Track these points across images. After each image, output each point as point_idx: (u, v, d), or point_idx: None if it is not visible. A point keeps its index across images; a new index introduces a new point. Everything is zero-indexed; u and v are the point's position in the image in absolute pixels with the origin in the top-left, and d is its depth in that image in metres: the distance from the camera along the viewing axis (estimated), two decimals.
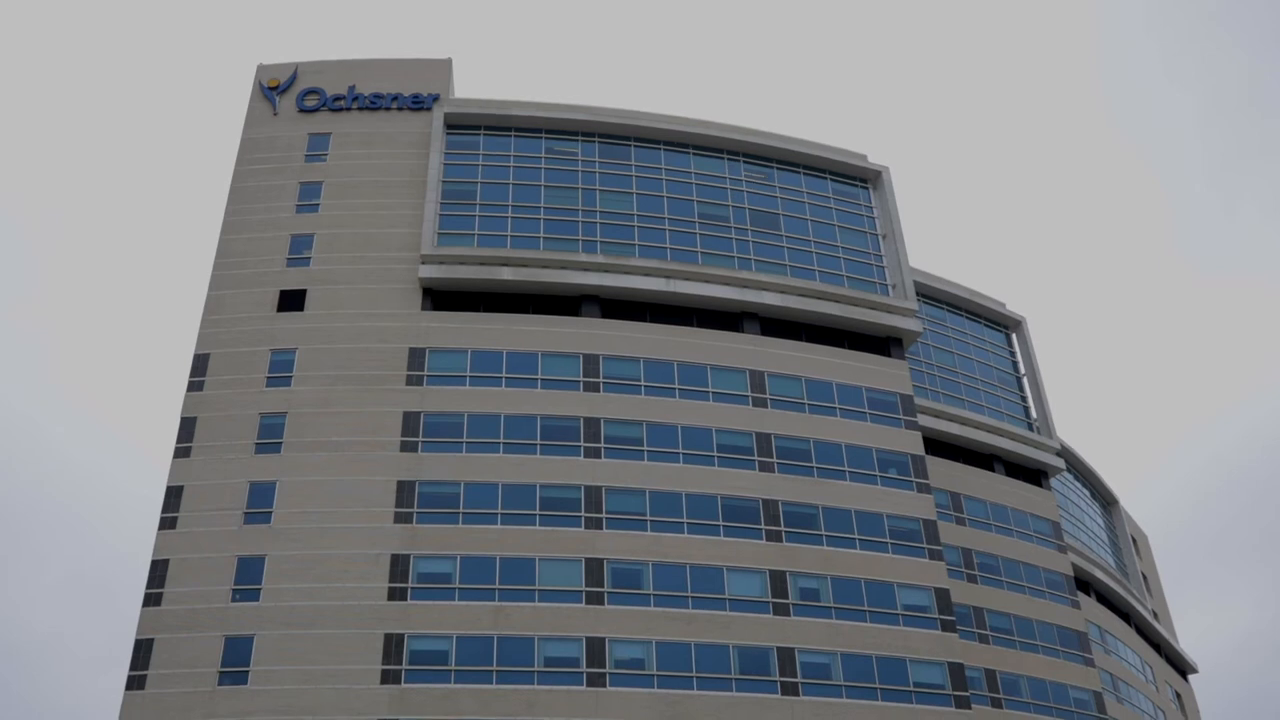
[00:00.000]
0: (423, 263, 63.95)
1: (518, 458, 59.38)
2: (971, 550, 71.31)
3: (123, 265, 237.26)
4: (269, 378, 60.93)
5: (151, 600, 54.74)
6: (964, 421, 75.04)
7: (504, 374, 61.80)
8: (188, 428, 59.45)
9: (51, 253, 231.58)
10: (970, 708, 58.30)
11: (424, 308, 63.55)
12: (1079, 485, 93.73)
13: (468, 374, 61.67)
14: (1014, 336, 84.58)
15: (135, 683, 52.76)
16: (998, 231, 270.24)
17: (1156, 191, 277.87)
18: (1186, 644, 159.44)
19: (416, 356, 61.72)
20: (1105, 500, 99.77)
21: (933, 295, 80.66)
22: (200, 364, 61.32)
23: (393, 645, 53.85)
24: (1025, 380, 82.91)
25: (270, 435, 59.21)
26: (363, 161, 68.57)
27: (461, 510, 57.74)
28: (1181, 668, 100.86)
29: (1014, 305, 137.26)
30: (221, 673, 53.06)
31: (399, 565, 55.74)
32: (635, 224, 67.90)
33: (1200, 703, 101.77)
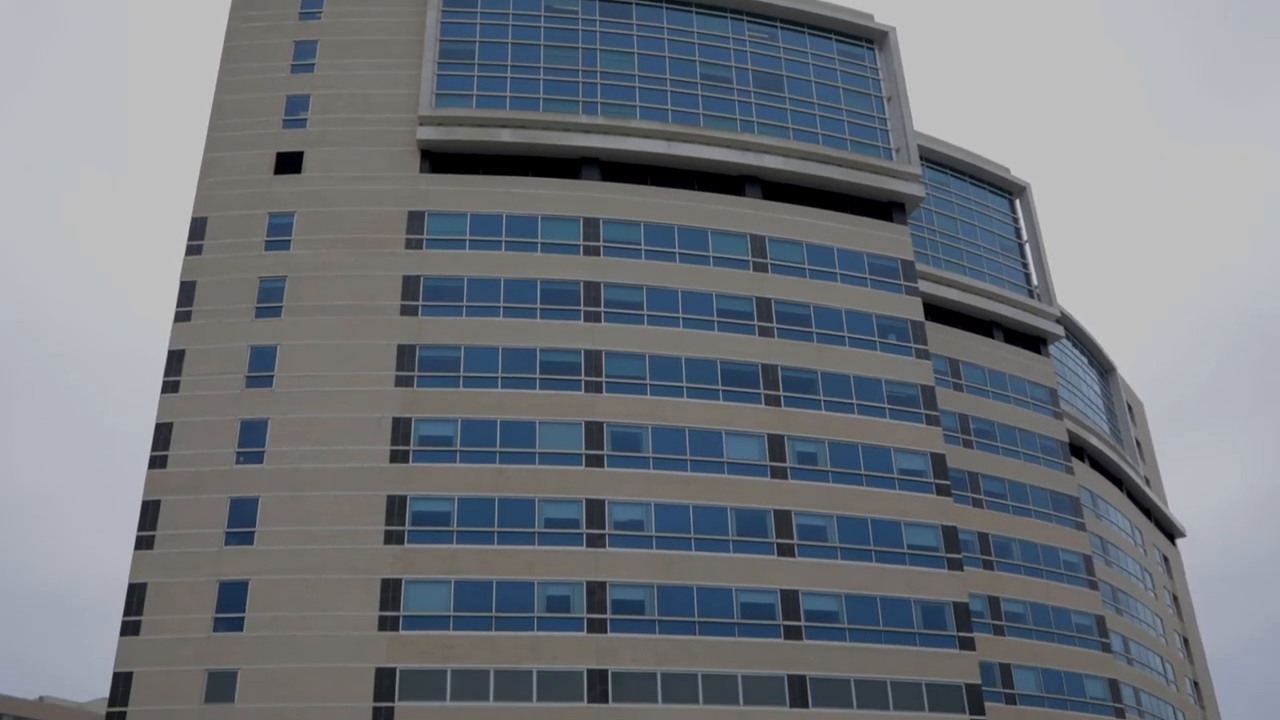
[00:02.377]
0: (420, 124, 62.95)
1: (518, 321, 59.36)
2: (968, 416, 71.92)
3: (124, 129, 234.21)
4: (267, 241, 60.53)
5: (157, 463, 55.24)
6: (964, 288, 74.92)
7: (503, 237, 61.40)
8: (187, 291, 59.28)
9: (52, 113, 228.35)
10: (962, 569, 59.44)
11: (422, 170, 62.77)
12: (1077, 353, 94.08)
13: (467, 237, 61.28)
14: (1017, 202, 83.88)
15: (144, 543, 53.60)
16: (1002, 96, 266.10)
17: (1154, 59, 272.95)
18: (1176, 509, 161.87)
19: (415, 220, 61.22)
20: (1103, 368, 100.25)
21: (936, 160, 79.76)
22: (198, 227, 60.83)
23: (395, 507, 54.59)
24: (1027, 247, 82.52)
25: (270, 299, 59.10)
26: (358, 19, 66.94)
27: (462, 374, 57.95)
28: (1170, 532, 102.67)
29: (1018, 171, 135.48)
30: (228, 533, 53.89)
31: (400, 428, 56.18)
32: (636, 85, 66.66)
33: (1186, 565, 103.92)
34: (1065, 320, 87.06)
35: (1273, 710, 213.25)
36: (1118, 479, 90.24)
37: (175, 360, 57.44)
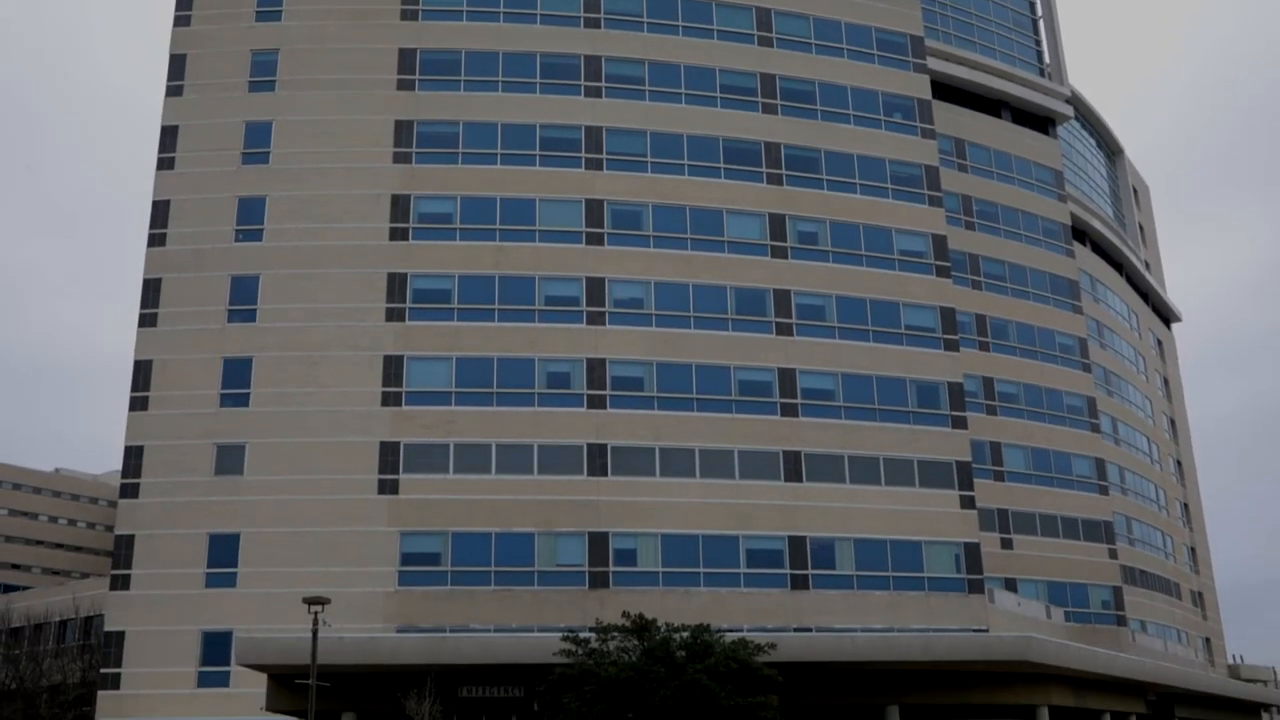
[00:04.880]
0: None
1: (517, 96, 58.13)
2: (971, 197, 71.30)
3: None
4: (258, 12, 58.70)
5: (156, 241, 55.13)
6: (974, 65, 73.10)
7: (501, 9, 59.42)
8: (178, 65, 57.89)
9: None
10: (958, 350, 60.06)
11: None
12: (1085, 135, 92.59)
13: (464, 8, 59.30)
14: None
15: (147, 320, 54.04)
16: None
17: None
18: (1174, 292, 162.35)
19: None
20: (1110, 150, 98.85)
21: None
22: None
23: (396, 284, 54.73)
24: (1041, 22, 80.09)
25: (263, 73, 57.75)
26: None
27: (460, 150, 57.14)
28: (1166, 316, 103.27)
29: None
30: (230, 311, 54.25)
31: (399, 205, 55.79)
32: None
33: (1180, 349, 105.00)
34: (1075, 100, 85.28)
35: (1247, 478, 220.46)
36: (1118, 263, 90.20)
37: (169, 136, 56.60)
